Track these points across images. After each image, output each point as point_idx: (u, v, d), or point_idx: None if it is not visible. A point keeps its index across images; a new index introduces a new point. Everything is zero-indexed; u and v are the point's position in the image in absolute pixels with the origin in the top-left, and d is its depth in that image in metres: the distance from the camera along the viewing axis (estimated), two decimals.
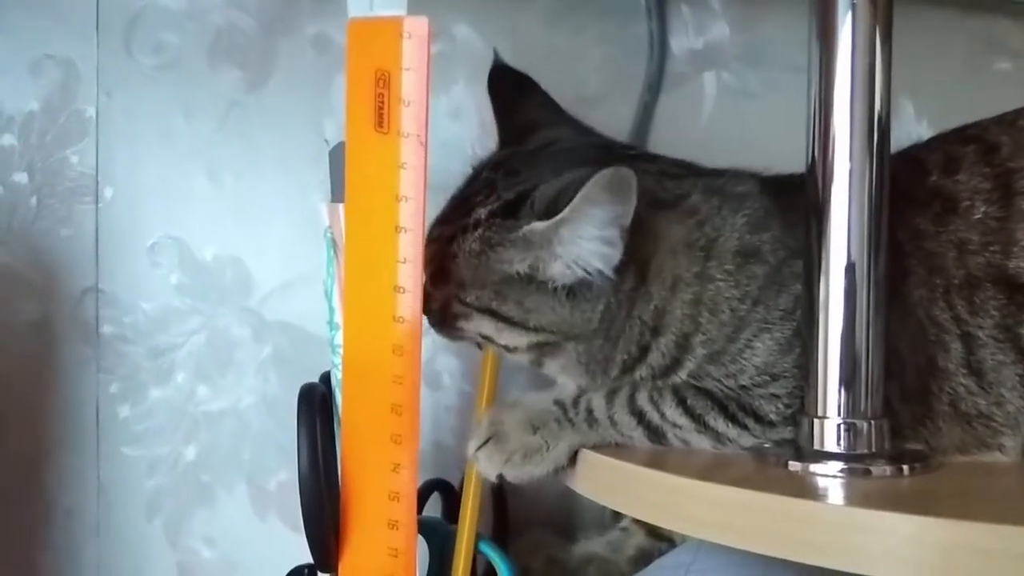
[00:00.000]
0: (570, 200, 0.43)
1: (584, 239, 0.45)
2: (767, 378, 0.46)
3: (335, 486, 0.48)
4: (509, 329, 0.49)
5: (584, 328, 0.48)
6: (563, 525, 0.67)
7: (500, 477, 0.48)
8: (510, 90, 0.58)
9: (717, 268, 0.47)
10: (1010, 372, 0.45)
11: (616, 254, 0.45)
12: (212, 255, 0.69)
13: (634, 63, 0.72)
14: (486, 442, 0.48)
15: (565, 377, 0.51)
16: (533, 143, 0.54)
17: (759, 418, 0.47)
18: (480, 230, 0.48)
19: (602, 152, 0.52)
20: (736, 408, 0.47)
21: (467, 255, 0.49)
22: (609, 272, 0.46)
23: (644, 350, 0.48)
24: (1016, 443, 0.46)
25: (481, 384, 0.55)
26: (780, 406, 0.46)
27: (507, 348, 0.50)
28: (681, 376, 0.48)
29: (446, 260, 0.49)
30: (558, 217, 0.44)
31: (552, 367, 0.51)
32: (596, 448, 0.48)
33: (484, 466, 0.49)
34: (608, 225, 0.44)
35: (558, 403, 0.49)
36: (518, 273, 0.47)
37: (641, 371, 0.49)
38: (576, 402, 0.49)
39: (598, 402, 0.48)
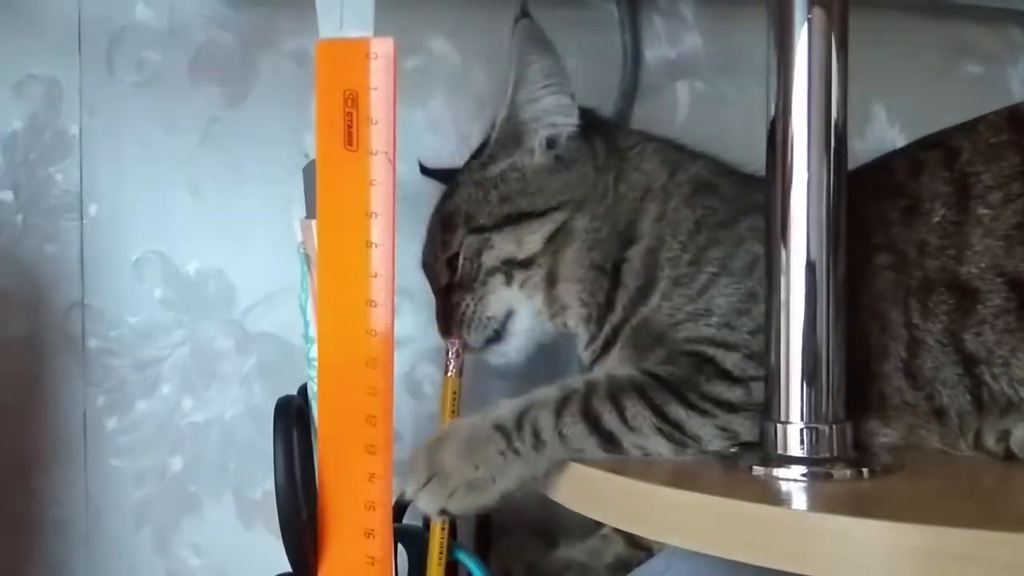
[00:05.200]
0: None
1: (535, 99, 0.54)
2: (726, 331, 0.48)
3: (313, 496, 0.49)
4: (527, 228, 0.53)
5: (585, 188, 0.54)
6: (545, 531, 0.68)
7: (443, 512, 0.47)
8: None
9: (676, 187, 0.54)
10: (950, 372, 0.46)
11: (568, 101, 0.54)
12: (195, 269, 0.70)
13: (608, 74, 0.73)
14: (427, 482, 0.47)
15: (573, 296, 0.54)
16: None
17: (719, 402, 0.47)
18: (461, 179, 0.57)
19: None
20: (696, 397, 0.47)
21: (462, 201, 0.56)
22: (572, 128, 0.54)
23: (617, 268, 0.53)
24: (943, 431, 0.47)
25: (443, 419, 0.54)
26: (738, 391, 0.47)
27: (528, 262, 0.53)
28: (653, 303, 0.51)
29: (447, 231, 0.56)
30: (508, 95, 0.54)
31: (564, 273, 0.54)
32: None
33: (425, 504, 0.47)
34: (547, 75, 0.53)
35: (499, 428, 0.46)
36: (507, 170, 0.55)
37: (622, 298, 0.52)
38: (520, 423, 0.46)
39: (545, 419, 0.46)
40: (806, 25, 0.44)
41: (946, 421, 0.47)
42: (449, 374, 0.55)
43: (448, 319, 0.56)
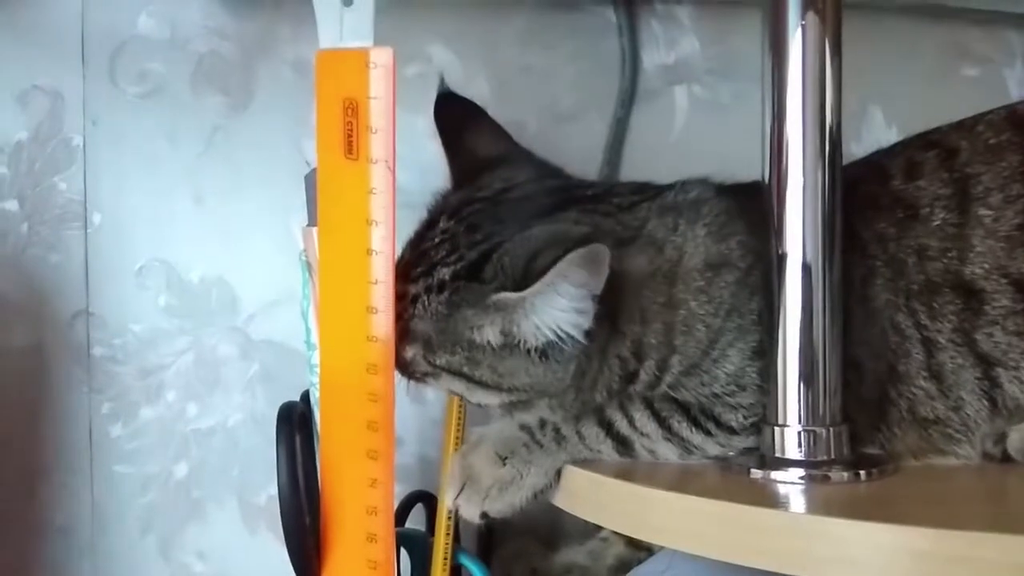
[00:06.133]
0: (543, 271, 0.44)
1: (557, 309, 0.45)
2: (735, 388, 0.48)
3: (315, 501, 0.49)
4: (482, 390, 0.49)
5: (558, 386, 0.49)
6: (546, 534, 0.68)
7: (484, 516, 0.48)
8: (459, 120, 0.57)
9: (685, 290, 0.48)
10: (968, 375, 0.46)
11: (587, 321, 0.46)
12: (198, 277, 0.70)
13: (607, 79, 0.74)
14: (462, 490, 0.48)
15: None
16: (489, 186, 0.53)
17: (720, 424, 0.47)
18: (446, 293, 0.48)
19: (561, 197, 0.52)
20: (698, 412, 0.48)
21: (434, 317, 0.48)
22: (580, 337, 0.46)
23: (629, 377, 0.49)
24: (969, 450, 0.47)
25: (447, 427, 0.54)
26: (741, 416, 0.47)
27: (478, 405, 0.51)
28: (660, 389, 0.49)
29: (413, 320, 0.49)
30: (531, 289, 0.45)
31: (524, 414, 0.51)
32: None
33: (465, 510, 0.49)
34: (581, 298, 0.45)
35: (524, 427, 0.49)
36: (488, 341, 0.48)
37: (630, 388, 0.49)
38: (542, 423, 0.49)
39: (564, 423, 0.49)
40: (800, 30, 0.44)
41: (971, 437, 0.47)
42: None
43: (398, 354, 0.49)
